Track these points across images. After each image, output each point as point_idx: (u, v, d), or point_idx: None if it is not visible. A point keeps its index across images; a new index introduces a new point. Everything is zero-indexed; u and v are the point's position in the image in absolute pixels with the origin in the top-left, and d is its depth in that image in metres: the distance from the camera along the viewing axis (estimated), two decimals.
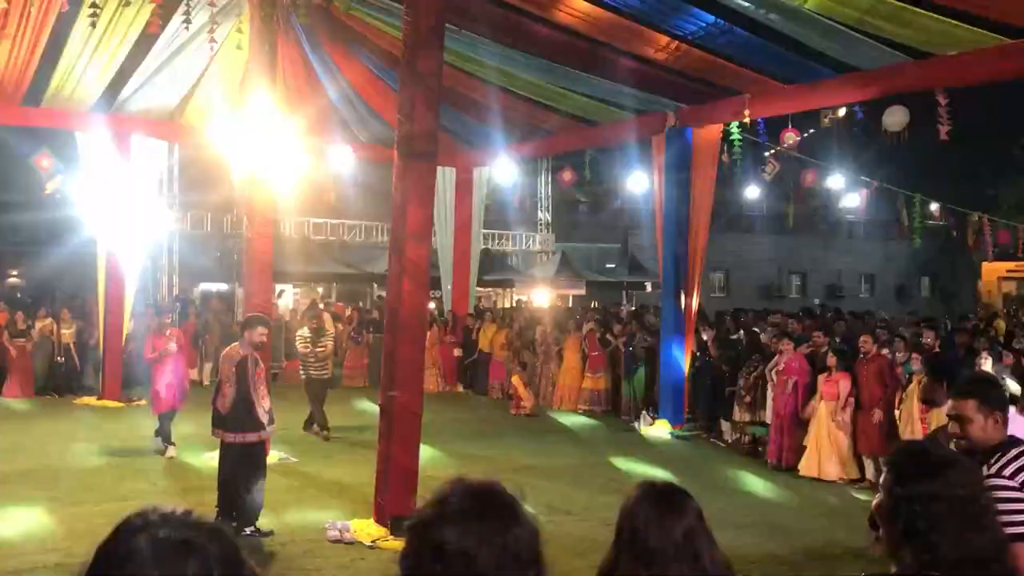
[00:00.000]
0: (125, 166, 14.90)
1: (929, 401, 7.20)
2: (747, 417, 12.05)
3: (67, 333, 16.07)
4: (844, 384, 10.41)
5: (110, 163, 14.78)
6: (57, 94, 13.88)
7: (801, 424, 10.91)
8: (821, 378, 10.77)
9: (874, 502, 2.32)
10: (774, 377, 11.36)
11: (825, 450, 10.51)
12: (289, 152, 10.76)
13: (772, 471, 10.85)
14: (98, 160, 14.79)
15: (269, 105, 10.74)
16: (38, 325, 16.09)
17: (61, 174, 15.42)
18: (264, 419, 7.91)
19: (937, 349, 10.94)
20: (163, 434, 11.04)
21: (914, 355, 10.14)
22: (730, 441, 12.48)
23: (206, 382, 16.50)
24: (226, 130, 10.73)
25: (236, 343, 8.17)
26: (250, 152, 10.41)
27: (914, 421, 9.46)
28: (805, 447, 10.78)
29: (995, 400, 3.40)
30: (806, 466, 10.61)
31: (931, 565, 2.08)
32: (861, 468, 10.37)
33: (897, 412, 9.89)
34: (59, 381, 16.03)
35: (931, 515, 2.09)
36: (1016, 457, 3.22)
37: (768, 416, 11.48)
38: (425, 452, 8.61)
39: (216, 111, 12.56)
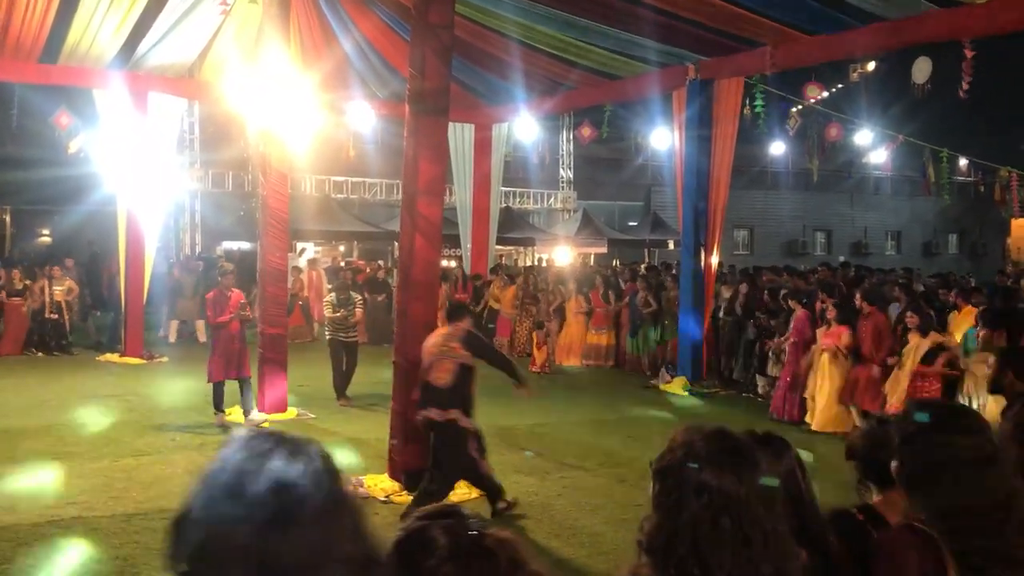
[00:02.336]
0: (143, 123, 14.87)
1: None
2: (775, 371, 12.01)
3: (59, 291, 15.98)
4: (845, 336, 10.42)
5: (128, 121, 14.76)
6: (74, 51, 13.83)
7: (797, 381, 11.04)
8: (820, 331, 10.83)
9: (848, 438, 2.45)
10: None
11: (820, 400, 10.63)
12: (304, 108, 10.69)
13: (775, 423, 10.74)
14: (116, 118, 14.78)
15: (284, 60, 10.67)
16: (38, 286, 16.09)
17: (82, 132, 15.44)
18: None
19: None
20: (217, 402, 10.29)
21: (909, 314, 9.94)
22: (763, 396, 12.48)
23: None
24: (241, 86, 10.67)
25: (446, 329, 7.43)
26: (265, 108, 10.36)
27: (901, 380, 9.41)
28: (806, 399, 10.90)
29: None
30: (820, 421, 10.53)
31: (926, 513, 2.11)
32: None
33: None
34: (46, 339, 15.90)
35: (927, 465, 2.12)
36: None
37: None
38: None
39: (232, 67, 12.46)
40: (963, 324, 9.70)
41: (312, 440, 1.39)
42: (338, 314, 12.07)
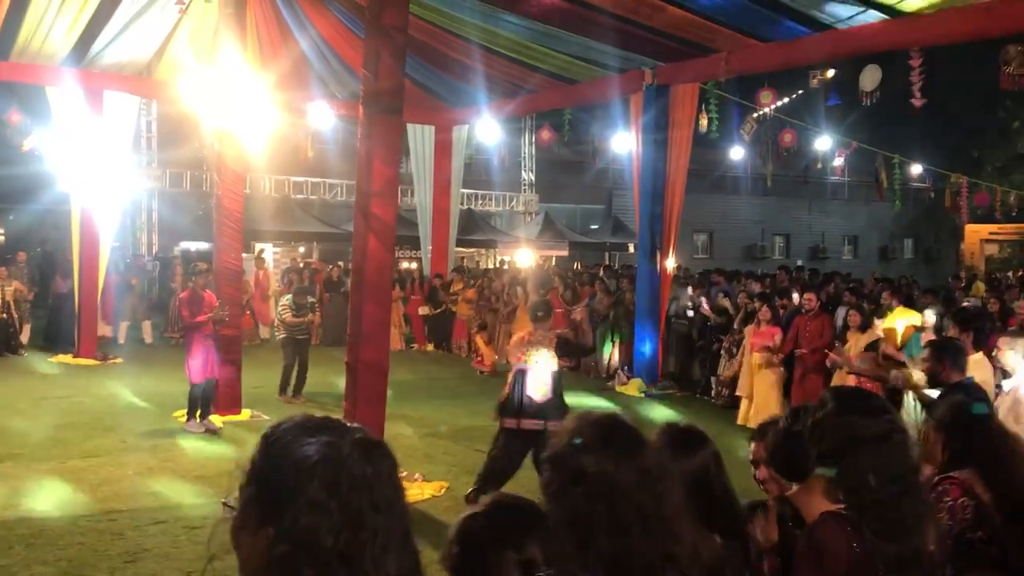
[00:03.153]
0: (98, 122, 14.70)
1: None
2: (729, 373, 12.18)
3: (8, 291, 15.67)
4: (777, 336, 10.83)
5: (82, 119, 14.58)
6: (26, 48, 13.64)
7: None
8: (749, 330, 11.14)
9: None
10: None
11: (752, 398, 10.94)
12: (261, 107, 10.63)
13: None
14: (70, 116, 14.59)
15: (240, 59, 10.61)
16: None
17: (35, 130, 15.21)
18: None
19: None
20: (204, 405, 10.17)
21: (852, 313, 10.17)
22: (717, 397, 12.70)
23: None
24: (197, 85, 10.59)
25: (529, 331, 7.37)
26: (221, 107, 10.29)
27: (846, 380, 9.62)
28: (739, 398, 11.26)
29: None
30: (756, 420, 10.71)
31: (840, 488, 2.27)
32: None
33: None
34: None
35: (833, 442, 2.29)
36: None
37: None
38: (389, 410, 8.58)
39: (188, 66, 12.36)
40: (895, 319, 9.98)
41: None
42: (297, 318, 12.12)
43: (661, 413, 11.78)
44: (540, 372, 7.04)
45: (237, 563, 1.41)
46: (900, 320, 9.74)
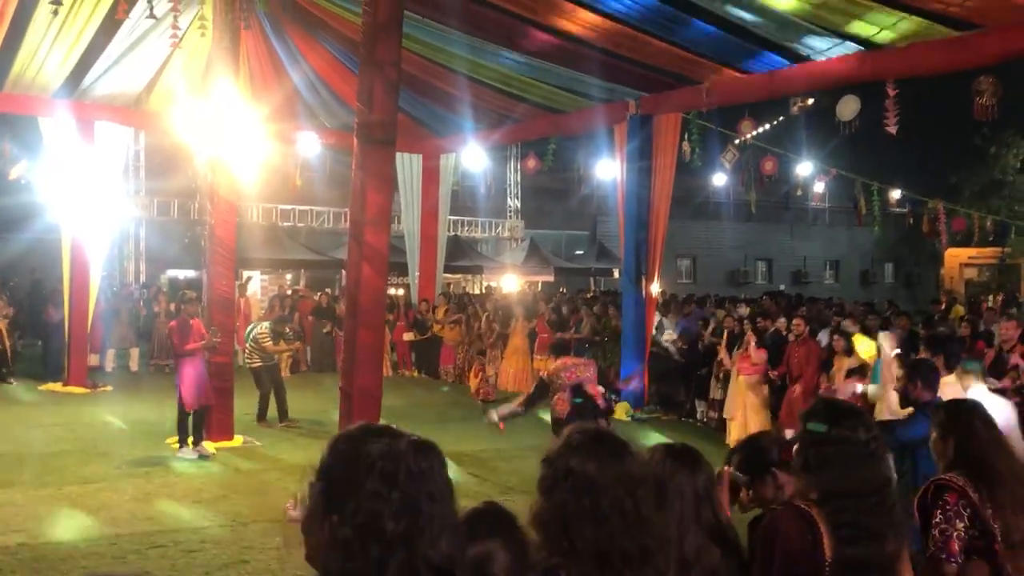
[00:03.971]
0: (89, 152, 14.85)
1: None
2: (719, 396, 12.40)
3: (2, 322, 15.75)
4: (762, 358, 11.07)
5: (74, 149, 14.73)
6: (19, 79, 13.82)
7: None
8: (736, 354, 11.37)
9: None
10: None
11: (740, 419, 11.13)
12: (252, 138, 10.86)
13: None
14: (62, 146, 14.74)
15: (232, 92, 10.83)
16: None
17: (24, 159, 15.36)
18: None
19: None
20: (196, 432, 10.26)
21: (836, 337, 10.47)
22: (704, 420, 12.93)
23: None
24: (189, 117, 10.80)
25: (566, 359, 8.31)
26: (213, 138, 10.50)
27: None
28: (726, 419, 11.47)
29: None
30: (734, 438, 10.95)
31: (817, 494, 2.52)
32: None
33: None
34: None
35: (821, 454, 2.55)
36: None
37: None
38: None
39: (180, 98, 12.57)
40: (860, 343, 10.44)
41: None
42: (275, 347, 12.32)
43: (649, 436, 11.96)
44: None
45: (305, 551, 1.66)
46: (859, 346, 10.12)
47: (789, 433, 9.26)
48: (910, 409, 5.17)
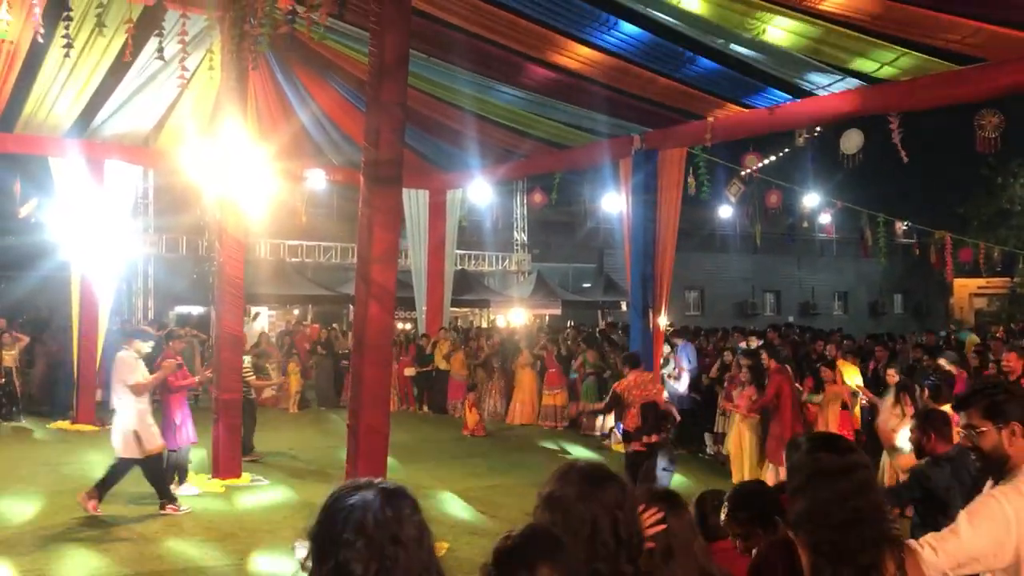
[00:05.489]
0: (99, 191, 15.00)
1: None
2: (724, 429, 12.37)
3: (9, 356, 15.80)
4: (750, 393, 10.97)
5: (84, 188, 14.88)
6: (31, 120, 14.00)
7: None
8: (735, 392, 11.35)
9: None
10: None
11: (738, 457, 11.06)
12: (260, 177, 10.96)
13: None
14: (72, 186, 14.90)
15: (240, 131, 10.95)
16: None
17: (33, 198, 15.51)
18: None
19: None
20: (181, 470, 10.25)
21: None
22: (712, 454, 12.88)
23: None
24: (198, 156, 10.92)
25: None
26: (221, 177, 10.60)
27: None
28: (726, 454, 11.47)
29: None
30: (737, 476, 10.84)
31: (796, 517, 2.59)
32: None
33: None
34: None
35: (795, 482, 2.62)
36: None
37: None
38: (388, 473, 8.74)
39: (189, 137, 12.71)
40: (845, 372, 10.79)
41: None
42: (257, 381, 12.55)
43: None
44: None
45: None
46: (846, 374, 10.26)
47: (782, 472, 9.37)
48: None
